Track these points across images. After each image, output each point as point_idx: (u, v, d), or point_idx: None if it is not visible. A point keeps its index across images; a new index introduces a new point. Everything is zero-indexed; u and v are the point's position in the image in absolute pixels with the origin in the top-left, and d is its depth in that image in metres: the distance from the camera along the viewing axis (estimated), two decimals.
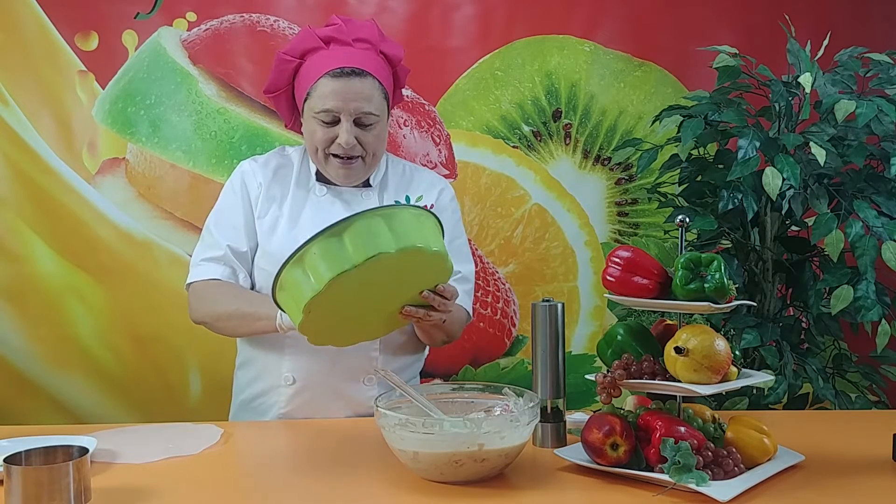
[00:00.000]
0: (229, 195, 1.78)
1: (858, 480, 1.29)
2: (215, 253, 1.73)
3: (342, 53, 1.67)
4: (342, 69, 1.64)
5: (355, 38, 1.68)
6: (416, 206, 1.46)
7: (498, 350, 2.70)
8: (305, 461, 1.42)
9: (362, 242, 1.30)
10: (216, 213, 1.79)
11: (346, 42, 1.68)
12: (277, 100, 1.76)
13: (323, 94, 1.64)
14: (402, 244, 1.31)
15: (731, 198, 2.10)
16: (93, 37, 2.54)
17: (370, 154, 1.70)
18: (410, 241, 1.33)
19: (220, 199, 1.80)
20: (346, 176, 1.71)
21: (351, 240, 1.30)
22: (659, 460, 1.24)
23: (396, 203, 1.41)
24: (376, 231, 1.31)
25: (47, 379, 2.58)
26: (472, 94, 2.65)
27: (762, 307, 2.27)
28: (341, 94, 1.64)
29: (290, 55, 1.70)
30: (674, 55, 2.66)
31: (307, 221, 1.72)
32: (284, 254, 1.65)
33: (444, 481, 1.27)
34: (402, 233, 1.33)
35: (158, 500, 1.23)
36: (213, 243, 1.74)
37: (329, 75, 1.64)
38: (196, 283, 1.74)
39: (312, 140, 1.69)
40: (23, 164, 2.53)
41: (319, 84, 1.65)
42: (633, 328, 1.41)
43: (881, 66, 2.17)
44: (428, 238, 1.36)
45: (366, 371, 1.72)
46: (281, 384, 1.73)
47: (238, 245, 1.73)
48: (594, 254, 2.70)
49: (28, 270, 2.55)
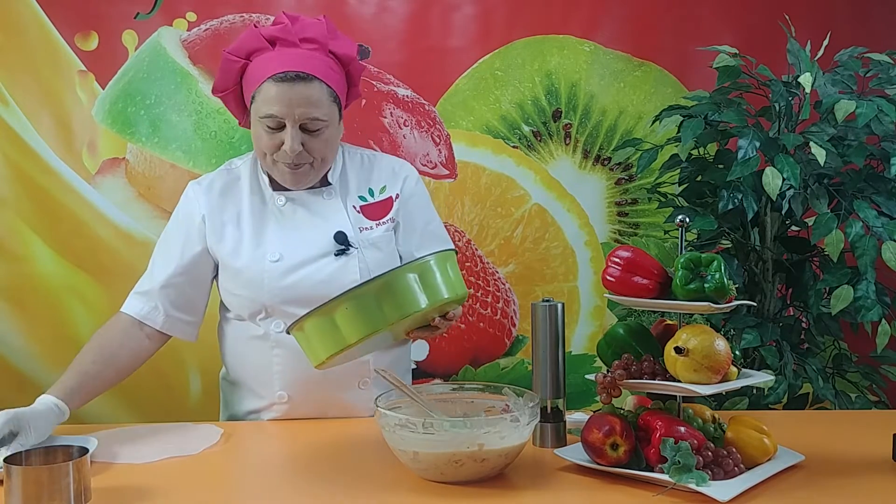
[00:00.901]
0: (172, 222, 1.73)
1: (858, 480, 1.29)
2: (144, 286, 1.70)
3: (287, 56, 1.57)
4: (286, 73, 1.55)
5: (302, 38, 1.59)
6: (439, 251, 1.41)
7: (498, 350, 2.70)
8: (305, 461, 1.42)
9: (397, 302, 1.31)
10: (160, 241, 1.74)
11: (293, 42, 1.58)
12: (226, 100, 1.68)
13: (267, 98, 1.56)
14: (434, 300, 1.35)
15: (731, 198, 2.10)
16: (93, 37, 2.55)
17: (318, 160, 1.61)
18: (441, 295, 1.36)
19: (168, 224, 1.74)
20: (295, 182, 1.63)
21: (387, 300, 1.31)
22: (659, 460, 1.24)
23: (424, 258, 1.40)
24: (410, 289, 1.32)
25: (47, 379, 2.57)
26: (472, 94, 2.65)
27: (762, 307, 2.27)
28: (285, 99, 1.55)
29: (235, 55, 1.61)
30: (674, 55, 2.66)
31: (273, 236, 1.66)
32: (249, 272, 1.63)
33: (444, 481, 1.27)
34: (433, 288, 1.35)
35: (158, 500, 1.23)
36: (149, 274, 1.71)
37: (273, 79, 1.55)
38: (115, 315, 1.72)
39: (259, 145, 1.62)
40: (23, 164, 2.53)
41: (263, 88, 1.56)
42: (633, 328, 1.41)
43: (881, 66, 2.17)
44: (454, 286, 1.39)
45: (359, 375, 1.69)
46: (274, 402, 1.69)
47: (176, 278, 1.68)
48: (594, 254, 2.70)
49: (28, 270, 2.55)
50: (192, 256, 1.68)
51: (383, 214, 1.72)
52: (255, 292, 1.64)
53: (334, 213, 1.68)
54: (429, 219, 1.79)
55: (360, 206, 1.71)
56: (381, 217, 1.71)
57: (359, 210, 1.71)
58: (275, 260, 1.63)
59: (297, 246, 1.65)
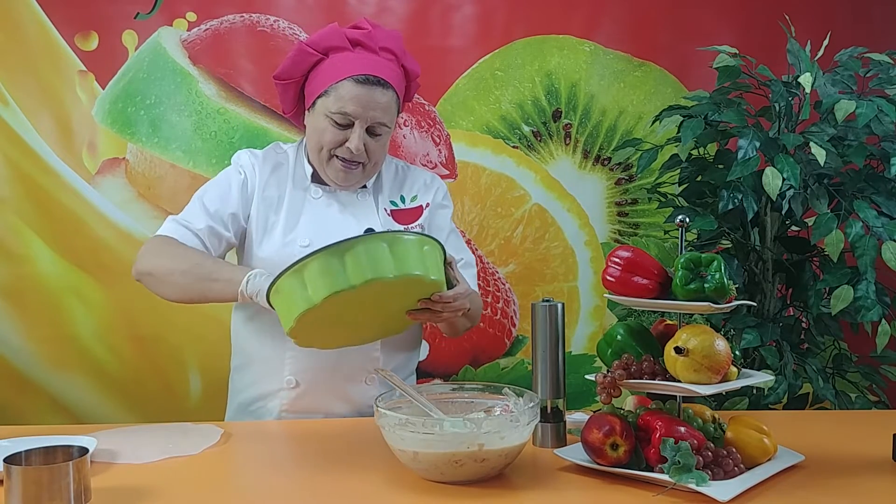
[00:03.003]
0: (223, 179, 1.73)
1: (858, 480, 1.29)
2: (190, 221, 1.67)
3: (368, 60, 1.65)
4: (367, 76, 1.63)
5: (381, 47, 1.67)
6: (421, 233, 1.46)
7: (498, 350, 2.70)
8: (305, 461, 1.42)
9: (363, 265, 1.34)
10: (205, 190, 1.73)
11: (373, 49, 1.67)
12: (286, 88, 1.73)
13: (343, 96, 1.63)
14: (401, 271, 1.36)
15: (731, 198, 2.10)
16: (93, 37, 2.55)
17: (372, 163, 1.70)
18: (410, 268, 1.37)
19: (217, 181, 1.74)
20: (345, 179, 1.70)
21: (352, 260, 1.33)
22: (659, 460, 1.24)
23: (403, 230, 1.42)
24: (379, 255, 1.35)
25: (47, 379, 2.58)
26: (472, 94, 2.65)
27: (762, 307, 2.27)
28: (362, 100, 1.63)
29: (313, 48, 1.68)
30: (674, 55, 2.66)
31: (305, 226, 1.71)
32: (278, 256, 1.64)
33: (444, 481, 1.27)
34: (403, 260, 1.37)
35: (158, 500, 1.23)
36: (193, 214, 1.69)
37: (353, 79, 1.63)
38: (157, 235, 1.67)
39: (320, 138, 1.67)
40: (23, 164, 2.53)
41: (342, 85, 1.63)
42: (633, 328, 1.41)
43: (881, 66, 2.17)
44: (428, 267, 1.40)
45: (368, 371, 1.72)
46: (283, 387, 1.72)
47: (218, 227, 1.68)
48: (594, 254, 2.70)
49: (28, 270, 2.55)
50: (237, 218, 1.71)
51: (413, 220, 1.78)
52: None
53: (366, 212, 1.74)
54: (451, 229, 1.86)
55: (391, 210, 1.78)
56: (411, 222, 1.78)
57: (389, 213, 1.77)
58: (304, 245, 1.68)
59: (327, 236, 1.66)
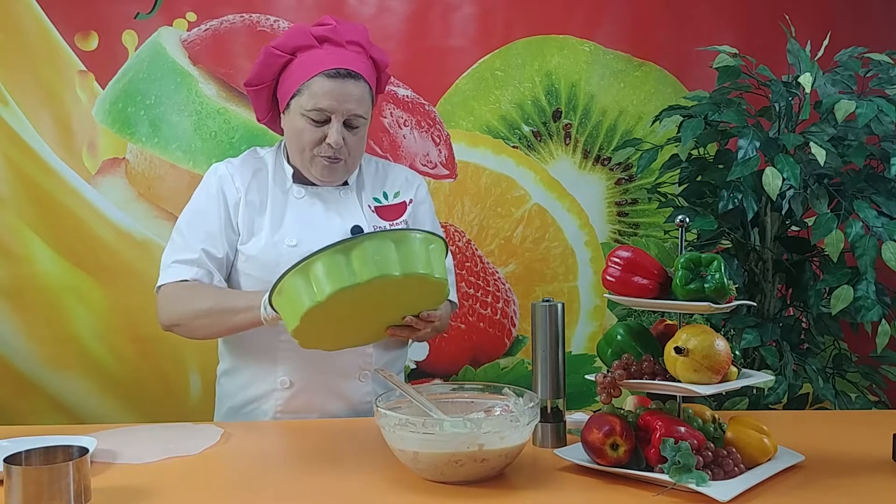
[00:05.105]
0: (203, 199, 1.73)
1: (858, 480, 1.29)
2: (189, 255, 1.68)
3: (337, 54, 1.66)
4: (338, 70, 1.64)
5: (348, 41, 1.68)
6: (426, 231, 1.47)
7: (498, 350, 2.70)
8: (305, 461, 1.42)
9: (370, 262, 1.34)
10: (189, 216, 1.73)
11: (340, 43, 1.67)
12: (258, 93, 1.73)
13: (317, 92, 1.63)
14: (407, 269, 1.37)
15: (731, 198, 2.10)
16: (93, 37, 2.54)
17: (352, 156, 1.70)
18: (416, 267, 1.38)
19: (194, 201, 1.74)
20: (330, 175, 1.70)
21: (359, 258, 1.34)
22: (659, 460, 1.24)
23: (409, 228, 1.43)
24: (385, 253, 1.36)
25: (47, 379, 2.58)
26: (472, 94, 2.65)
27: (762, 307, 2.27)
28: (336, 94, 1.63)
29: (280, 50, 1.68)
30: (674, 55, 2.66)
31: (290, 226, 1.71)
32: (265, 255, 1.65)
33: (444, 481, 1.27)
34: (409, 258, 1.37)
35: (158, 500, 1.23)
36: (186, 246, 1.69)
37: (324, 75, 1.63)
38: (167, 284, 1.68)
39: (299, 139, 1.67)
40: (23, 164, 2.53)
41: (314, 82, 1.64)
42: (633, 328, 1.41)
43: (881, 66, 2.16)
44: (433, 265, 1.41)
45: (360, 368, 1.73)
46: (276, 388, 1.72)
47: (214, 250, 1.69)
48: (594, 254, 2.70)
49: (28, 270, 2.55)
50: (227, 229, 1.71)
51: (397, 216, 1.79)
52: (270, 275, 1.65)
53: (351, 209, 1.74)
54: (434, 225, 1.86)
55: (375, 207, 1.78)
56: (395, 218, 1.78)
57: (374, 210, 1.77)
58: (292, 245, 1.68)
59: (314, 235, 1.69)
